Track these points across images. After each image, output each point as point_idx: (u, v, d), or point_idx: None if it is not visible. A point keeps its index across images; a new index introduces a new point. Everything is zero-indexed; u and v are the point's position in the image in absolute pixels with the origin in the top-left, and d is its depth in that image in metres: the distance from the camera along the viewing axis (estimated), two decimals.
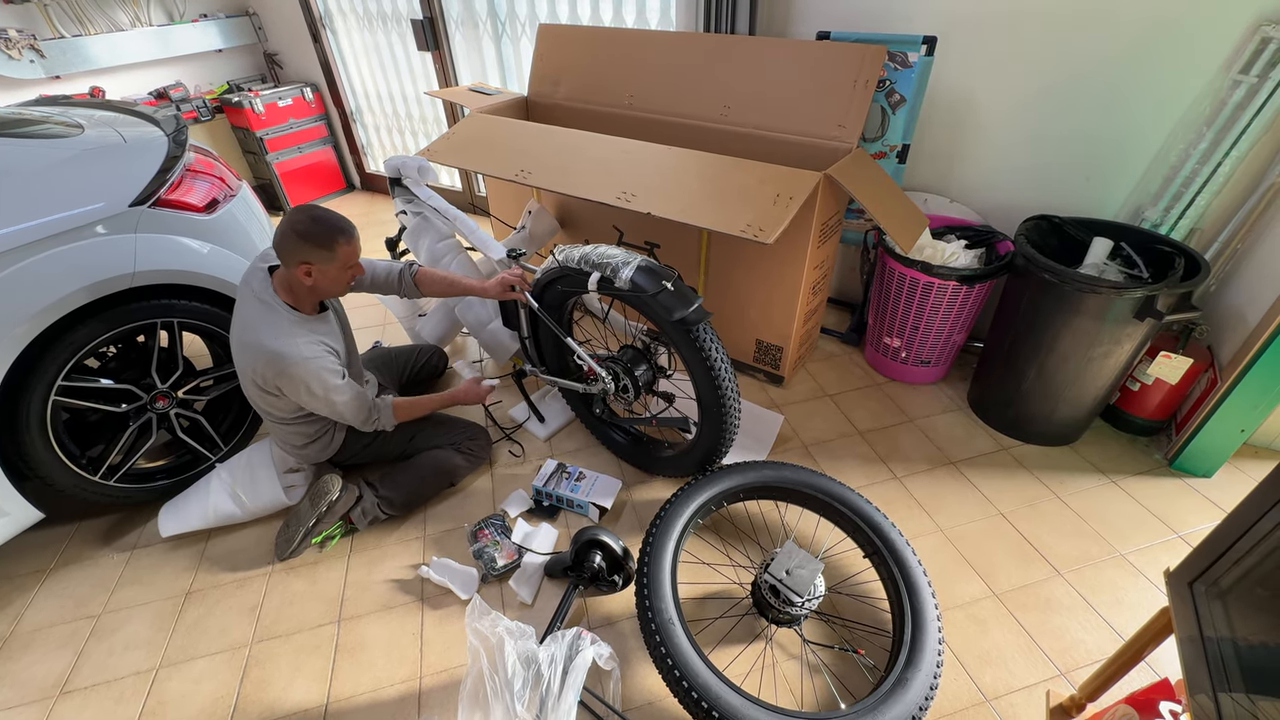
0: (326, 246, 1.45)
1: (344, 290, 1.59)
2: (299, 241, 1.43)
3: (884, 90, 2.08)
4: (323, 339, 1.57)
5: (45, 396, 1.55)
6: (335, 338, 1.63)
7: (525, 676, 1.23)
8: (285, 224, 1.45)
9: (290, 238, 1.44)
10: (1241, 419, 1.71)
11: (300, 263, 1.45)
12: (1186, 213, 1.80)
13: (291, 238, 1.44)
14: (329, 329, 1.62)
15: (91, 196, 1.58)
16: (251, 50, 3.96)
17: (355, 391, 1.62)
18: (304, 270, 1.46)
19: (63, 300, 1.50)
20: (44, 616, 1.61)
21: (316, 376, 1.52)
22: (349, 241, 1.49)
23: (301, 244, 1.44)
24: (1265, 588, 0.77)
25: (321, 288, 1.52)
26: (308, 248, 1.44)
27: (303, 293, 1.54)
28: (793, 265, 1.95)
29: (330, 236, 1.46)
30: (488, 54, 3.22)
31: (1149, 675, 1.31)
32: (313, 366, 1.51)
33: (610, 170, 1.90)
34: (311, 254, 1.45)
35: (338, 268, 1.49)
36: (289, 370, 1.49)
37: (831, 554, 1.65)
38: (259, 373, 1.53)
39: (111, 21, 3.25)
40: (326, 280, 1.50)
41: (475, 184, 3.77)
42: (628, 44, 2.38)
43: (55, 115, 1.82)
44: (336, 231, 1.47)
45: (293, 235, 1.43)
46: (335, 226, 1.47)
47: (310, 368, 1.51)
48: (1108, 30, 1.76)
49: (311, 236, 1.44)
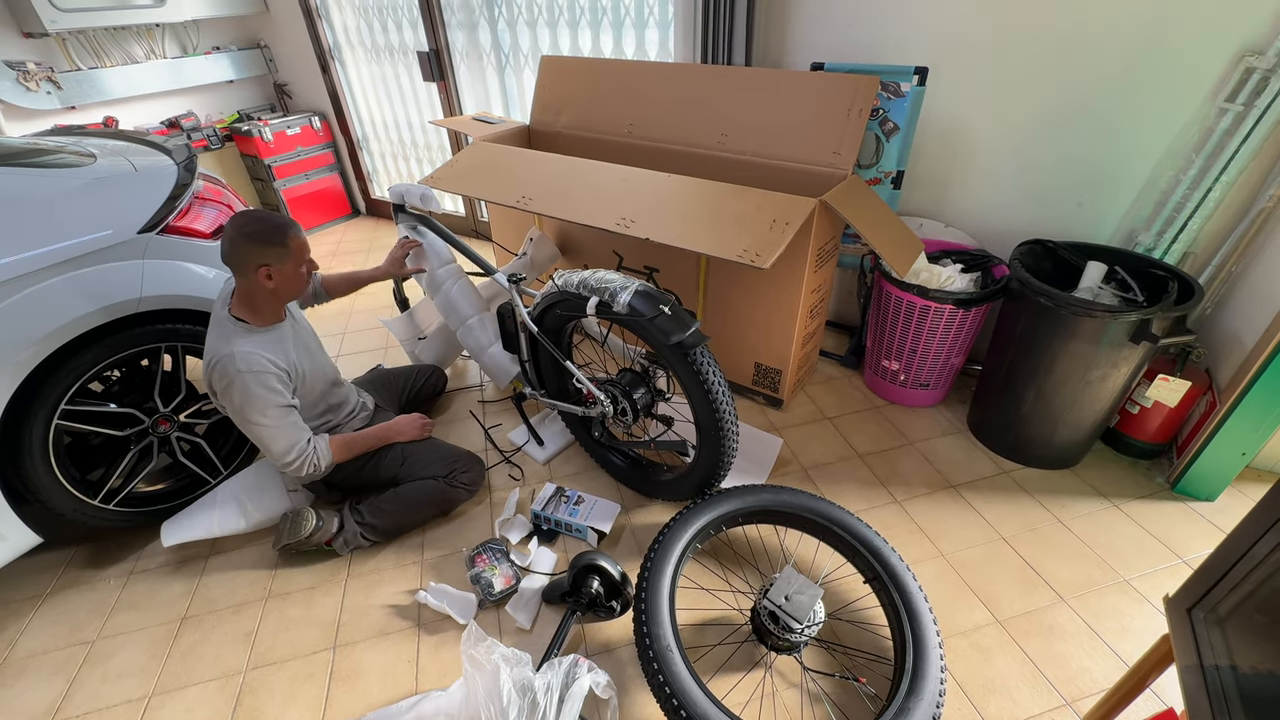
0: (279, 243, 1.46)
1: (303, 288, 1.58)
2: (251, 245, 1.44)
3: (878, 118, 2.12)
4: (269, 354, 1.53)
5: (48, 420, 1.57)
6: (285, 351, 1.60)
7: (521, 705, 1.22)
8: (231, 233, 1.45)
9: (241, 244, 1.44)
10: (1242, 442, 1.71)
11: (258, 266, 1.45)
12: (1179, 237, 1.82)
13: (243, 244, 1.44)
14: (279, 342, 1.59)
15: (101, 224, 1.61)
16: (262, 81, 4.06)
17: (289, 423, 1.55)
18: (264, 274, 1.46)
19: (69, 325, 1.53)
20: (38, 642, 1.60)
21: (250, 392, 1.48)
22: (299, 233, 1.50)
23: (254, 247, 1.44)
24: (1264, 613, 0.76)
25: (283, 290, 1.53)
26: (261, 248, 1.44)
27: (264, 301, 1.54)
28: (790, 289, 1.97)
29: (280, 232, 1.46)
30: (491, 84, 3.30)
31: (1155, 704, 1.29)
32: (249, 380, 1.47)
33: (610, 197, 1.94)
34: (266, 254, 1.45)
35: (294, 263, 1.50)
36: (228, 376, 1.47)
37: (831, 579, 1.64)
38: (212, 387, 1.53)
39: (127, 54, 3.35)
40: (286, 280, 1.51)
41: (478, 210, 3.83)
42: (627, 75, 2.44)
43: (69, 145, 1.86)
44: (285, 225, 1.48)
45: (243, 241, 1.44)
46: (283, 221, 1.49)
47: (246, 381, 1.47)
48: (1095, 59, 1.81)
49: (262, 236, 1.44)
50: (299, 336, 1.68)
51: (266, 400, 1.51)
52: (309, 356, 1.70)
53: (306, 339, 1.73)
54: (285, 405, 1.55)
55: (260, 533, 1.85)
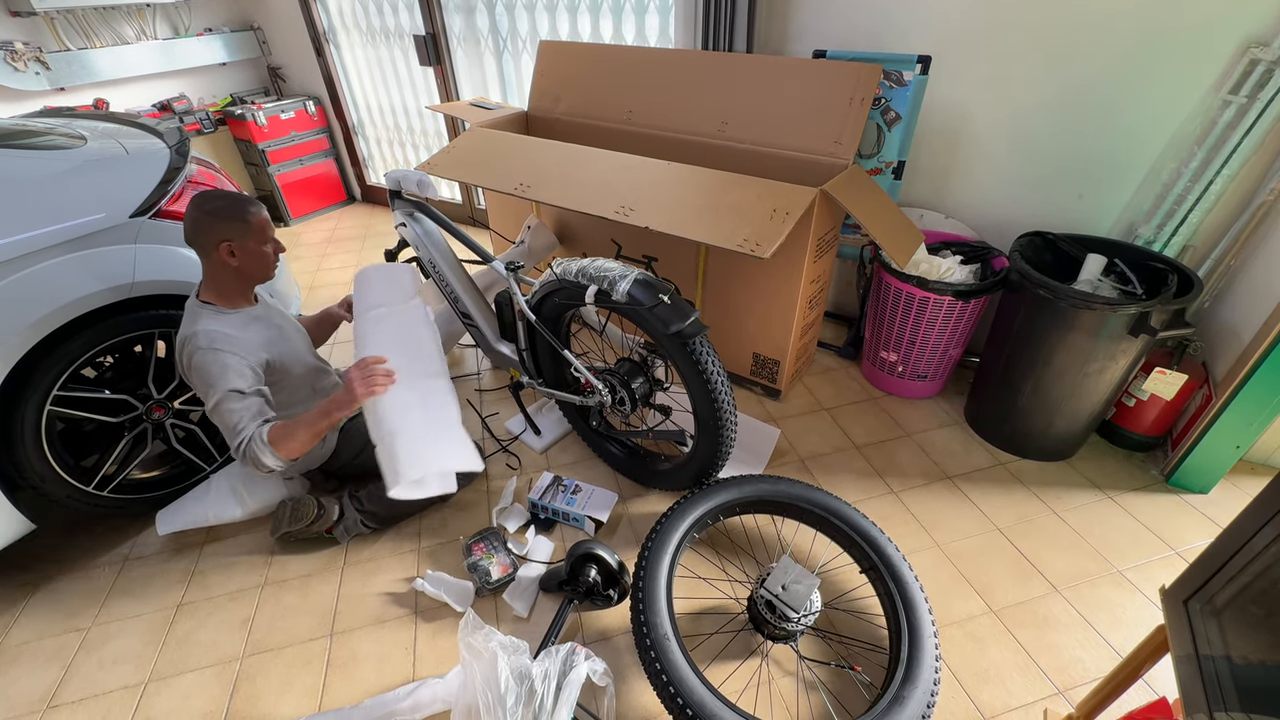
0: (241, 218, 1.47)
1: (270, 269, 1.57)
2: (213, 221, 1.44)
3: (879, 108, 2.10)
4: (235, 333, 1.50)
5: (41, 406, 1.55)
6: (256, 333, 1.56)
7: (518, 692, 1.22)
8: (192, 211, 1.45)
9: (204, 221, 1.44)
10: (1237, 435, 1.72)
11: (220, 242, 1.45)
12: (1179, 230, 1.82)
13: (205, 220, 1.44)
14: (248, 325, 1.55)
15: (92, 207, 1.59)
16: (255, 64, 4.00)
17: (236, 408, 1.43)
18: (226, 250, 1.46)
19: (61, 310, 1.51)
20: (33, 629, 1.59)
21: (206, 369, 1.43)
22: (260, 210, 1.51)
23: (216, 222, 1.44)
24: (1260, 605, 0.77)
25: (248, 269, 1.52)
26: (223, 224, 1.45)
27: (229, 282, 1.53)
28: (789, 279, 1.97)
29: (241, 207, 1.47)
30: (489, 69, 3.26)
31: (1147, 693, 1.30)
32: (208, 358, 1.43)
33: (609, 185, 1.92)
34: (228, 229, 1.45)
35: (256, 240, 1.50)
36: (190, 353, 1.45)
37: (828, 569, 1.64)
38: (181, 370, 1.51)
39: (117, 35, 3.29)
40: (250, 257, 1.50)
41: (475, 197, 3.79)
42: (627, 61, 2.41)
43: (59, 127, 1.83)
44: (245, 201, 1.49)
45: (205, 217, 1.44)
46: (243, 197, 1.50)
47: (205, 358, 1.44)
48: (1098, 50, 1.79)
49: (223, 212, 1.45)
50: (271, 320, 1.65)
51: (220, 380, 1.44)
52: (283, 340, 1.66)
53: (280, 323, 1.69)
54: (235, 390, 1.44)
55: (256, 520, 1.84)
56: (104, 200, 1.62)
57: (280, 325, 1.69)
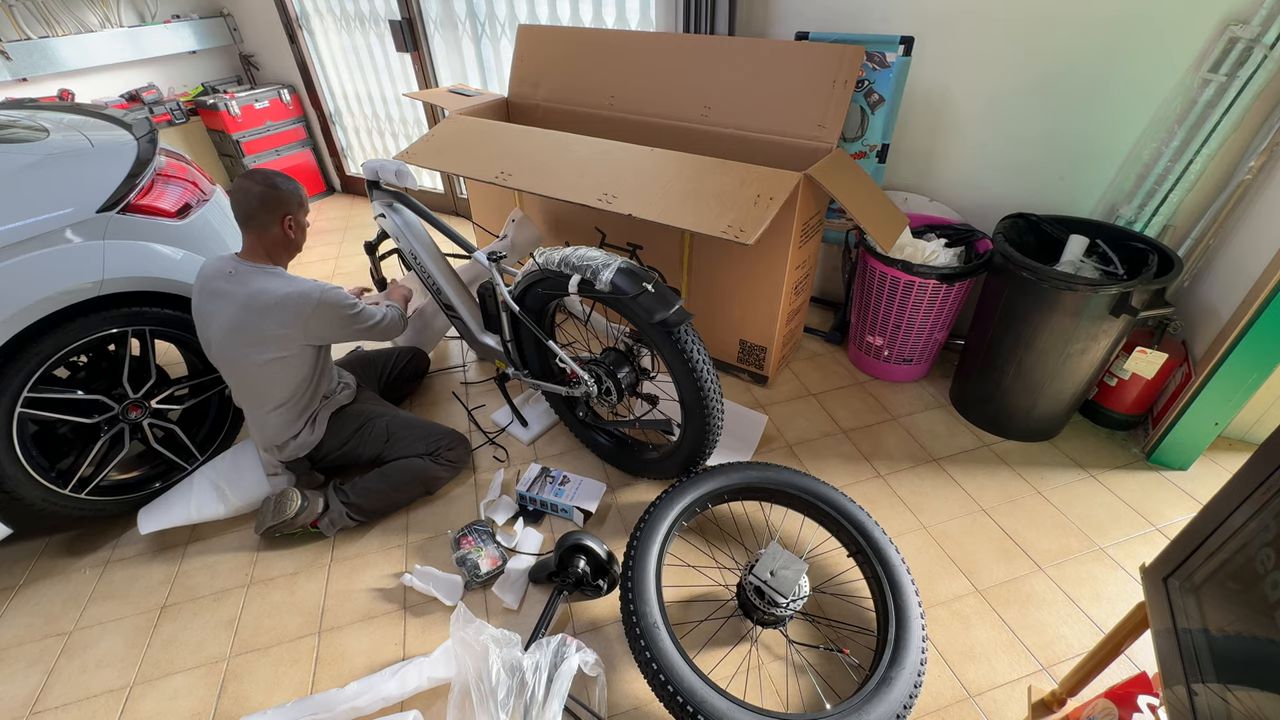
0: (302, 196, 1.63)
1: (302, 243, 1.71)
2: (278, 197, 1.56)
3: (863, 90, 2.09)
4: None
5: (11, 409, 1.51)
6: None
7: (510, 685, 1.22)
8: (257, 187, 1.55)
9: (270, 195, 1.55)
10: (1216, 412, 1.74)
11: (284, 216, 1.58)
12: (1160, 210, 1.83)
13: (271, 195, 1.55)
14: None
15: (57, 202, 1.53)
16: (227, 51, 3.89)
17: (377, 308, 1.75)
18: (288, 223, 1.60)
19: (28, 309, 1.46)
20: (13, 634, 1.57)
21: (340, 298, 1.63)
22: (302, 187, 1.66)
23: (281, 199, 1.57)
24: (1237, 581, 0.78)
25: (298, 241, 1.66)
26: (287, 201, 1.58)
27: (281, 256, 1.65)
28: (774, 265, 1.96)
29: (298, 188, 1.63)
30: (467, 55, 3.19)
31: (1129, 668, 1.33)
32: (337, 293, 1.63)
33: (591, 172, 1.89)
34: (290, 205, 1.59)
35: (304, 214, 1.65)
36: (325, 299, 1.59)
37: (816, 554, 1.65)
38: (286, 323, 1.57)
39: (80, 22, 3.18)
40: (301, 232, 1.65)
41: (457, 187, 3.74)
42: (608, 45, 2.37)
43: (20, 119, 1.77)
44: (297, 184, 1.64)
45: (272, 193, 1.56)
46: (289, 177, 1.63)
47: (336, 294, 1.62)
48: (1078, 30, 1.78)
49: (288, 191, 1.59)
50: None
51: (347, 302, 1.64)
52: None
53: None
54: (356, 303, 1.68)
55: (240, 519, 1.82)
56: (69, 195, 1.56)
57: None
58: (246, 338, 1.57)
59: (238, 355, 1.60)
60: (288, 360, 1.61)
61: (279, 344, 1.58)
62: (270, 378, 1.63)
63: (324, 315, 1.61)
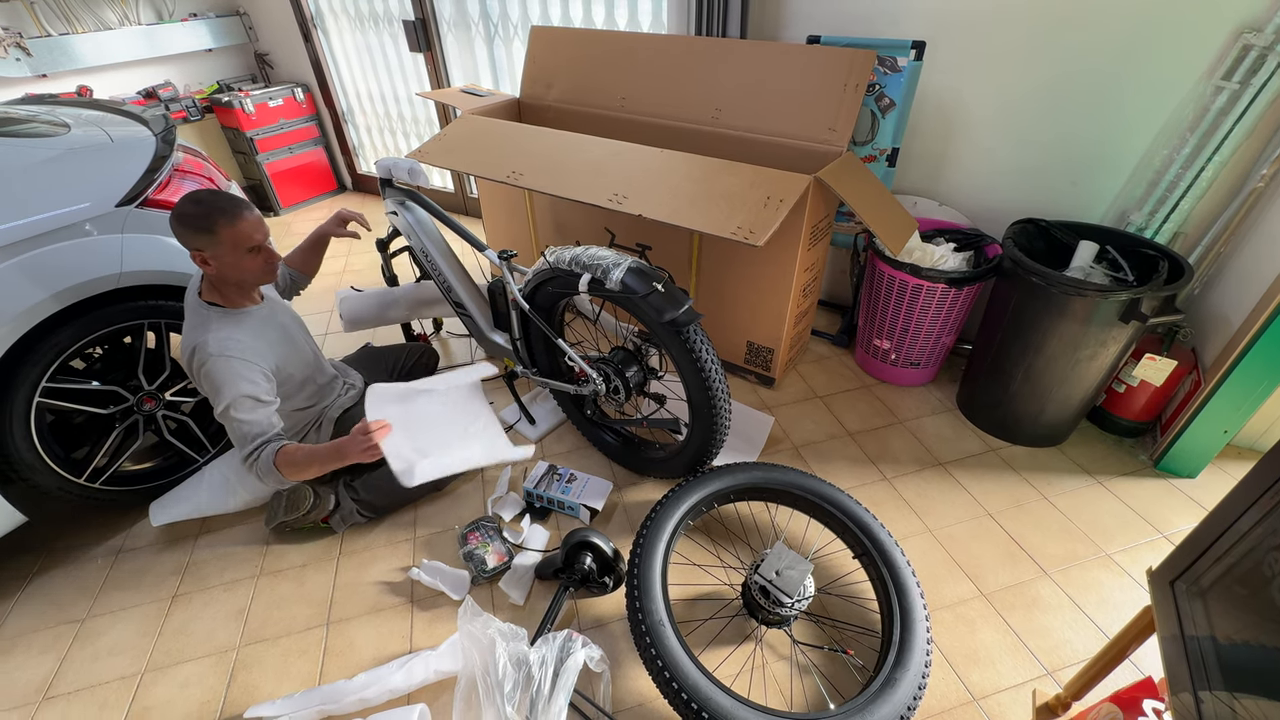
0: (206, 230, 1.37)
1: (261, 274, 1.49)
2: (181, 229, 1.38)
3: (873, 94, 2.09)
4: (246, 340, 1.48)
5: (29, 398, 1.54)
6: (259, 335, 1.53)
7: (516, 678, 1.23)
8: (171, 212, 1.38)
9: (175, 226, 1.38)
10: (1225, 420, 1.74)
11: (192, 250, 1.39)
12: (1171, 217, 1.83)
13: (175, 226, 1.38)
14: (254, 327, 1.53)
15: (77, 196, 1.56)
16: (242, 50, 3.93)
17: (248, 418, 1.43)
18: (199, 259, 1.40)
19: (47, 301, 1.49)
20: (26, 621, 1.59)
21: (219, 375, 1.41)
22: (231, 222, 1.38)
23: (185, 231, 1.38)
24: (1244, 586, 0.78)
25: (230, 275, 1.44)
26: (191, 234, 1.37)
27: (221, 285, 1.48)
28: (783, 267, 1.96)
29: (207, 218, 1.37)
30: (480, 55, 3.21)
31: (1133, 674, 1.33)
32: (220, 365, 1.41)
33: (602, 172, 1.90)
34: (196, 240, 1.38)
35: (228, 249, 1.40)
36: (202, 360, 1.41)
37: (821, 555, 1.66)
38: (191, 374, 1.46)
39: (99, 20, 3.22)
40: (227, 266, 1.42)
41: (468, 186, 3.76)
42: (619, 46, 2.39)
43: (41, 114, 1.80)
44: (214, 212, 1.37)
45: (175, 224, 1.38)
46: (213, 207, 1.38)
47: (217, 365, 1.41)
48: (1092, 36, 1.79)
49: (189, 220, 1.37)
50: (276, 318, 1.62)
51: (231, 386, 1.42)
52: (287, 341, 1.63)
53: (285, 322, 1.67)
54: (247, 395, 1.43)
55: (250, 511, 1.84)
56: (89, 189, 1.59)
57: (284, 324, 1.65)
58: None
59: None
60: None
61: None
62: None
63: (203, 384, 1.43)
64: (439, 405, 1.50)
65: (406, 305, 2.29)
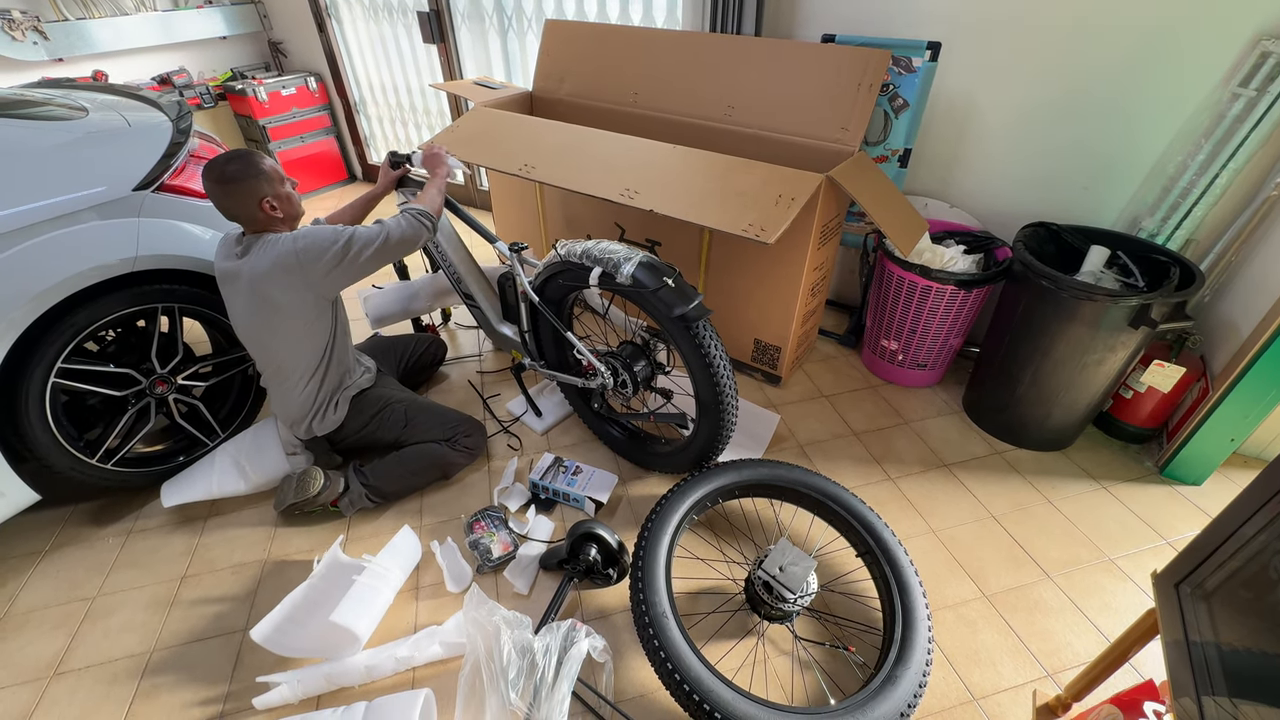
0: (258, 172, 1.50)
1: (300, 205, 1.63)
2: (234, 187, 1.48)
3: (887, 94, 2.09)
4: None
5: (44, 378, 1.55)
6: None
7: (520, 665, 1.25)
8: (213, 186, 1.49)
9: (231, 189, 1.48)
10: (1232, 428, 1.73)
11: (260, 200, 1.50)
12: (1183, 223, 1.82)
13: (231, 189, 1.48)
14: None
15: (95, 180, 1.58)
16: (256, 38, 3.95)
17: (371, 225, 1.61)
18: (268, 205, 1.52)
19: (64, 283, 1.50)
20: (38, 598, 1.61)
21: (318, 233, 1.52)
22: (263, 159, 1.53)
23: (241, 188, 1.48)
24: (1249, 589, 0.79)
25: (289, 211, 1.58)
26: (250, 185, 1.49)
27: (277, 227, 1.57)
28: (792, 266, 1.97)
29: (250, 164, 1.50)
30: (493, 48, 3.22)
31: (1134, 677, 1.33)
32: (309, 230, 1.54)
33: (613, 167, 1.91)
34: (257, 187, 1.49)
35: (278, 183, 1.54)
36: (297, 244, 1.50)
37: (824, 552, 1.66)
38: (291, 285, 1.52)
39: (115, 5, 3.24)
40: (285, 202, 1.56)
41: (478, 178, 3.77)
42: (633, 42, 2.39)
43: (59, 98, 1.81)
44: (248, 156, 1.51)
45: (230, 187, 1.48)
46: (242, 157, 1.51)
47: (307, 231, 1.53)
48: (1109, 41, 1.78)
49: (239, 175, 1.48)
50: None
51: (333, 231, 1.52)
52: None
53: None
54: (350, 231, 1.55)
55: (258, 495, 1.86)
56: (106, 173, 1.61)
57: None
58: (263, 313, 1.57)
59: (259, 334, 1.62)
60: (306, 326, 1.60)
61: (294, 311, 1.57)
62: (291, 349, 1.63)
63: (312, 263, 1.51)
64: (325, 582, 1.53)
65: (428, 296, 2.30)
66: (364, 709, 1.25)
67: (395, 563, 1.56)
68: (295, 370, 1.67)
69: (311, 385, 1.70)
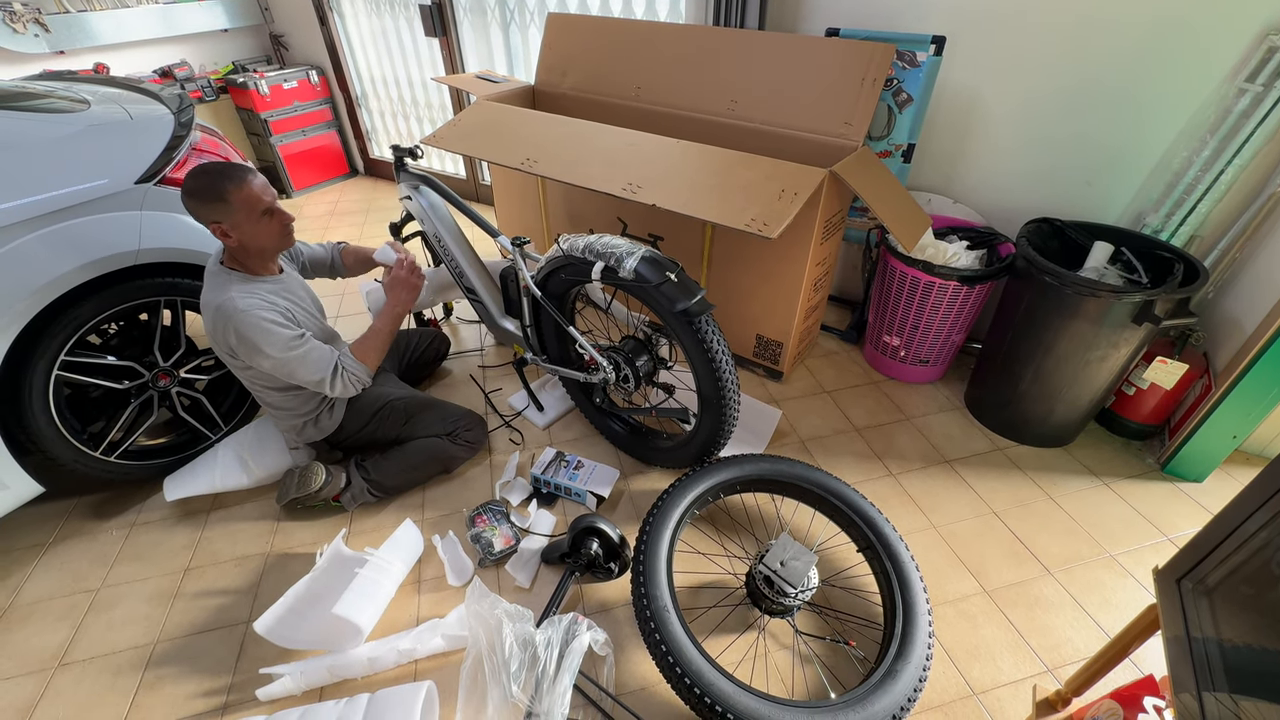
0: (218, 198, 1.40)
1: (281, 239, 1.54)
2: (194, 203, 1.41)
3: (891, 89, 2.08)
4: (268, 298, 1.52)
5: (48, 371, 1.56)
6: (287, 298, 1.59)
7: (522, 658, 1.25)
8: (184, 191, 1.41)
9: (188, 202, 1.41)
10: (1234, 425, 1.73)
11: (210, 224, 1.42)
12: (1187, 219, 1.81)
13: (188, 202, 1.41)
14: (275, 292, 1.56)
15: (97, 173, 1.58)
16: (257, 31, 3.94)
17: (308, 348, 1.52)
18: (219, 232, 1.43)
19: (67, 276, 1.51)
20: (42, 590, 1.62)
21: (259, 328, 1.46)
22: (239, 186, 1.41)
23: (199, 204, 1.41)
24: (1250, 586, 0.79)
25: (251, 244, 1.48)
26: (205, 206, 1.40)
27: (242, 255, 1.51)
28: (795, 261, 1.96)
29: (215, 187, 1.39)
30: (495, 41, 3.21)
31: (1133, 673, 1.33)
32: (253, 318, 1.45)
33: (616, 161, 1.90)
34: (211, 211, 1.41)
35: (245, 216, 1.43)
36: (233, 323, 1.45)
37: (825, 547, 1.67)
38: (216, 338, 1.51)
39: None
40: (246, 234, 1.45)
41: (479, 173, 3.76)
42: (636, 35, 2.38)
43: (60, 90, 1.81)
44: (222, 179, 1.40)
45: (188, 199, 1.40)
46: (219, 175, 1.41)
47: (251, 319, 1.45)
48: (1115, 36, 1.77)
49: (199, 192, 1.39)
50: (292, 291, 1.65)
51: (274, 333, 1.47)
52: (304, 314, 1.66)
53: (301, 294, 1.70)
54: (295, 334, 1.51)
55: (261, 489, 1.86)
56: (108, 166, 1.61)
57: (301, 297, 1.69)
58: (218, 349, 1.56)
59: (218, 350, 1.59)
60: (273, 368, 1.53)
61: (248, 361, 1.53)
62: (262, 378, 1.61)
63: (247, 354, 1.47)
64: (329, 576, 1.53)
65: (431, 290, 2.29)
66: (367, 701, 1.25)
67: (397, 556, 1.56)
68: (270, 393, 1.68)
69: (295, 401, 1.70)
